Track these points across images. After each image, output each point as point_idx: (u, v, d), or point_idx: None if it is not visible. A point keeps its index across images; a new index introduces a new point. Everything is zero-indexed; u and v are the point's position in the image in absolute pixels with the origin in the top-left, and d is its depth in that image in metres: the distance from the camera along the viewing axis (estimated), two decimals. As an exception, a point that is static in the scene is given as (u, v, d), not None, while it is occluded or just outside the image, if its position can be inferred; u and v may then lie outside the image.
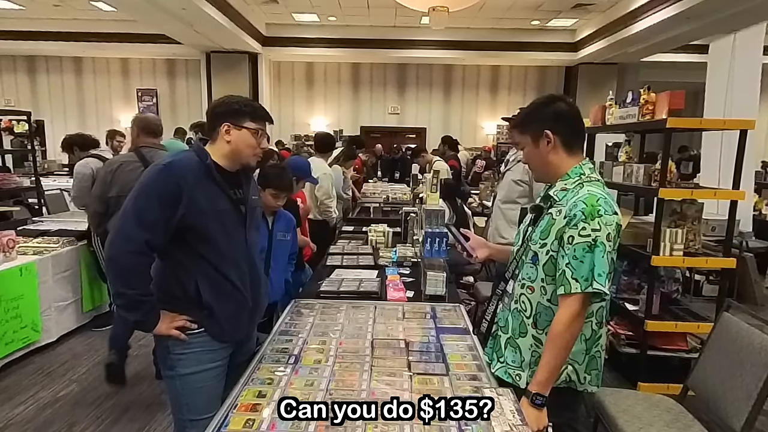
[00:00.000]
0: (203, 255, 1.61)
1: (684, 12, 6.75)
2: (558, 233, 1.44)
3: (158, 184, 1.55)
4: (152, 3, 7.05)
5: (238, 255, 1.69)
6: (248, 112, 1.66)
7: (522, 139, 1.60)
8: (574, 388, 1.52)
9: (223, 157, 1.65)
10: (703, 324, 2.89)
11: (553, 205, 1.49)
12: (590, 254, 1.37)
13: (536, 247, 1.50)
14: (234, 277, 1.66)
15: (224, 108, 1.66)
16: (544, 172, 1.58)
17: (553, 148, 1.52)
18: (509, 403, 1.37)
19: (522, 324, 1.54)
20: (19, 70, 11.98)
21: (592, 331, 1.50)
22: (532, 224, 1.59)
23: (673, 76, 10.50)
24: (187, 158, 1.63)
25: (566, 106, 1.55)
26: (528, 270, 1.53)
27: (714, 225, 4.27)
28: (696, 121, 3.09)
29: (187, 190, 1.55)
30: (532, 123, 1.55)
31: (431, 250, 2.29)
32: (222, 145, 1.65)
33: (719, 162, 4.89)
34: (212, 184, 1.62)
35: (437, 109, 12.21)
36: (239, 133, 1.64)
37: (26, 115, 5.29)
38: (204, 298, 1.62)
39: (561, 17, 9.64)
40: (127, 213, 1.55)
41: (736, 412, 1.81)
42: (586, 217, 1.38)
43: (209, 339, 1.66)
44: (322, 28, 10.56)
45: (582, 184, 1.48)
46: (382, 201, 5.82)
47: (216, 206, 1.62)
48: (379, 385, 1.49)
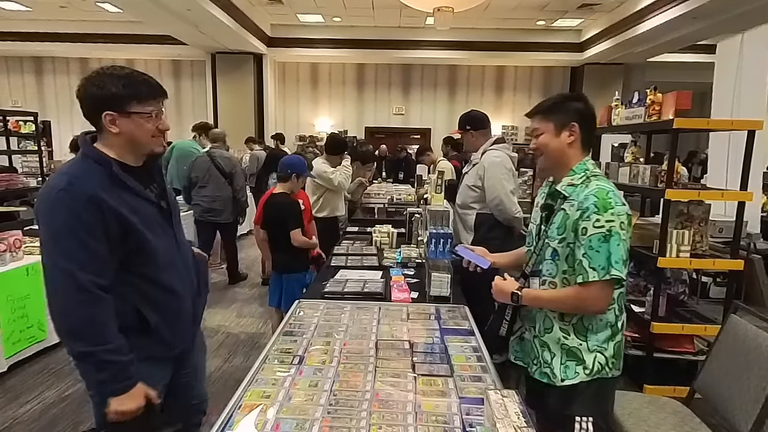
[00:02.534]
0: (136, 271, 1.40)
1: (691, 12, 6.71)
2: (573, 226, 1.50)
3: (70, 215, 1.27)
4: (158, 4, 7.08)
5: (173, 258, 1.50)
6: (130, 93, 1.34)
7: (543, 126, 1.61)
8: (605, 376, 1.56)
9: (119, 154, 1.38)
10: (710, 326, 2.87)
11: (565, 200, 1.55)
12: (606, 244, 1.44)
13: (554, 243, 1.55)
14: (174, 285, 1.48)
15: (99, 91, 1.32)
16: (555, 163, 1.62)
17: (572, 142, 1.57)
18: (514, 404, 1.36)
19: (547, 319, 1.60)
20: (26, 71, 12.07)
21: (615, 317, 1.56)
22: (545, 222, 1.63)
23: (679, 76, 10.45)
24: (83, 171, 1.33)
25: (589, 106, 1.61)
26: (548, 266, 1.59)
27: (721, 226, 4.23)
28: (703, 122, 3.07)
29: (105, 207, 1.29)
30: (559, 112, 1.58)
31: (436, 251, 2.28)
32: (112, 138, 1.36)
33: (727, 163, 4.85)
34: (124, 191, 1.36)
35: (442, 109, 12.19)
36: (129, 121, 1.35)
37: (33, 116, 5.32)
38: (150, 321, 1.42)
39: (566, 17, 9.61)
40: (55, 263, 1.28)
41: (743, 415, 1.79)
42: (598, 210, 1.45)
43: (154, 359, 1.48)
44: (327, 29, 10.57)
45: (588, 178, 1.54)
46: (387, 202, 5.81)
47: (137, 213, 1.37)
48: (384, 386, 1.49)
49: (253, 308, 4.63)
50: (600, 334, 1.55)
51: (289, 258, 3.12)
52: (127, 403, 1.34)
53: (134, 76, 1.37)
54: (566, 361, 1.56)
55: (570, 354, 1.57)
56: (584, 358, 1.55)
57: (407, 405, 1.39)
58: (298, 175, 3.16)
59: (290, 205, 3.09)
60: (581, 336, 1.56)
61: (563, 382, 1.56)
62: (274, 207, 3.14)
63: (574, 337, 1.56)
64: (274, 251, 3.17)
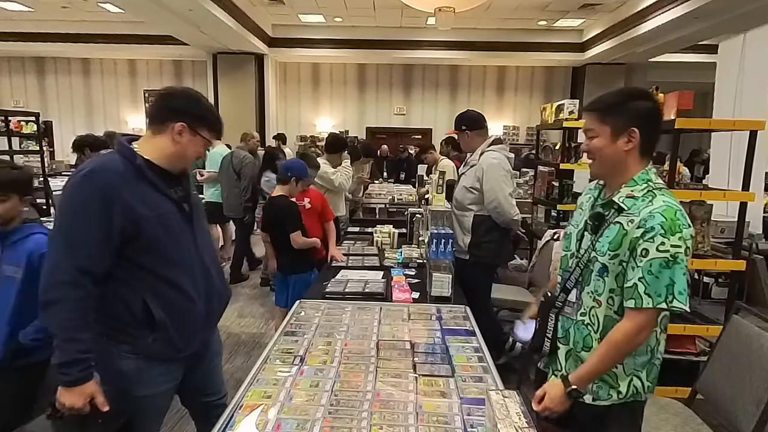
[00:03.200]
0: (149, 267, 1.42)
1: (693, 12, 6.70)
2: (631, 244, 1.35)
3: (80, 199, 1.34)
4: (159, 4, 7.09)
5: (189, 259, 1.52)
6: (211, 121, 1.51)
7: (598, 128, 1.43)
8: (639, 399, 1.48)
9: (161, 156, 1.46)
10: (712, 327, 2.86)
11: (621, 213, 1.40)
12: (668, 270, 1.31)
13: (605, 259, 1.41)
14: (186, 285, 1.50)
15: (187, 105, 1.47)
16: (609, 170, 1.46)
17: (631, 149, 1.40)
18: (515, 405, 1.36)
19: (588, 337, 1.47)
20: (28, 71, 12.09)
21: (656, 341, 1.46)
22: (593, 232, 1.47)
23: (681, 76, 10.43)
24: (110, 162, 1.41)
25: (656, 106, 1.44)
26: (595, 283, 1.45)
27: (723, 227, 4.22)
28: (705, 122, 3.06)
29: (117, 197, 1.34)
30: (618, 114, 1.40)
31: (437, 251, 2.28)
32: (165, 143, 1.45)
33: (729, 163, 4.84)
34: (147, 186, 1.42)
35: (443, 109, 12.18)
36: (192, 139, 1.47)
37: (35, 116, 5.33)
38: (156, 317, 1.43)
39: (568, 17, 9.60)
40: (54, 240, 1.37)
41: (745, 416, 1.78)
42: (665, 232, 1.31)
43: (163, 359, 1.52)
44: (328, 29, 10.57)
45: (653, 192, 1.39)
46: (388, 202, 5.81)
47: (157, 209, 1.42)
48: (385, 386, 1.48)
49: (254, 308, 4.64)
50: (638, 357, 1.43)
51: (293, 259, 3.12)
52: (66, 396, 1.35)
53: (214, 110, 1.58)
54: (599, 383, 1.45)
55: (603, 377, 1.45)
56: (619, 382, 1.45)
57: (408, 405, 1.38)
58: (298, 179, 3.15)
59: (288, 207, 3.09)
60: None
61: (594, 401, 1.46)
62: (273, 210, 3.14)
63: None
64: (278, 253, 3.18)
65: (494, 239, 2.95)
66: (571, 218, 1.74)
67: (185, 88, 1.54)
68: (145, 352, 1.46)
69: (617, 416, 1.47)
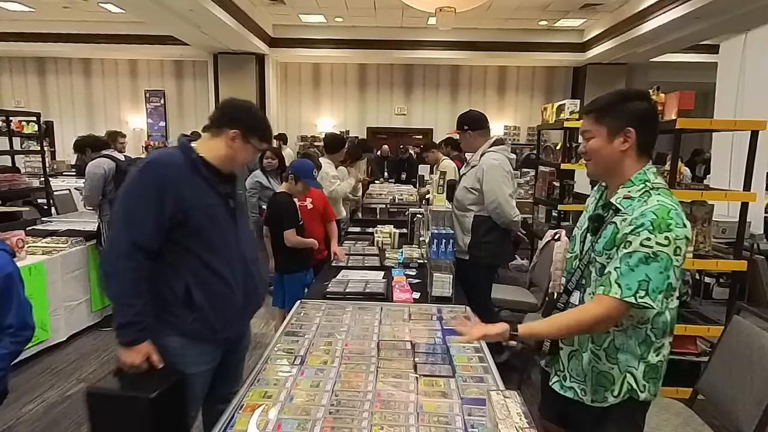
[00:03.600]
0: (194, 251, 1.58)
1: (694, 12, 6.69)
2: (620, 240, 1.36)
3: (140, 184, 1.54)
4: (160, 5, 7.09)
5: (230, 250, 1.66)
6: (261, 131, 1.68)
7: (595, 129, 1.44)
8: (636, 398, 1.44)
9: (215, 157, 1.64)
10: (713, 327, 2.86)
11: (617, 214, 1.40)
12: (645, 266, 1.29)
13: (602, 259, 1.41)
14: (226, 273, 1.63)
15: (243, 115, 1.66)
16: (606, 171, 1.46)
17: (627, 149, 1.40)
18: (516, 405, 1.36)
19: (583, 337, 1.48)
20: (29, 71, 12.09)
21: (645, 336, 1.42)
22: (593, 233, 1.48)
23: (682, 76, 10.42)
24: (168, 154, 1.62)
25: (652, 106, 1.44)
26: (595, 283, 1.44)
27: (724, 227, 4.21)
28: (706, 122, 3.06)
29: (170, 186, 1.52)
30: (614, 115, 1.41)
31: (438, 251, 2.28)
32: (220, 146, 1.63)
33: (730, 163, 4.84)
34: (199, 179, 1.59)
35: (444, 109, 12.17)
36: (244, 145, 1.64)
37: (36, 116, 5.34)
38: (195, 299, 1.58)
39: (569, 17, 9.59)
40: (115, 218, 1.56)
41: (746, 417, 1.78)
42: (653, 229, 1.29)
43: (202, 340, 1.65)
44: (329, 29, 10.57)
45: (648, 192, 1.38)
46: (389, 202, 5.81)
47: (204, 201, 1.59)
48: (385, 386, 1.48)
49: (255, 308, 4.64)
50: (629, 353, 1.42)
51: (287, 258, 3.11)
52: (126, 355, 1.54)
53: (267, 123, 1.74)
54: (596, 386, 1.46)
55: (599, 378, 1.46)
56: (614, 382, 1.44)
57: (409, 405, 1.38)
58: (297, 179, 3.14)
59: (285, 204, 3.08)
60: (612, 359, 1.43)
61: (593, 403, 1.47)
62: (274, 206, 3.15)
63: (606, 361, 1.44)
64: (275, 251, 3.17)
65: (494, 240, 2.94)
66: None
67: (245, 101, 1.73)
68: (185, 332, 1.61)
69: (615, 418, 1.45)
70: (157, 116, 12.10)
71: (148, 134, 12.01)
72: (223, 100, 1.75)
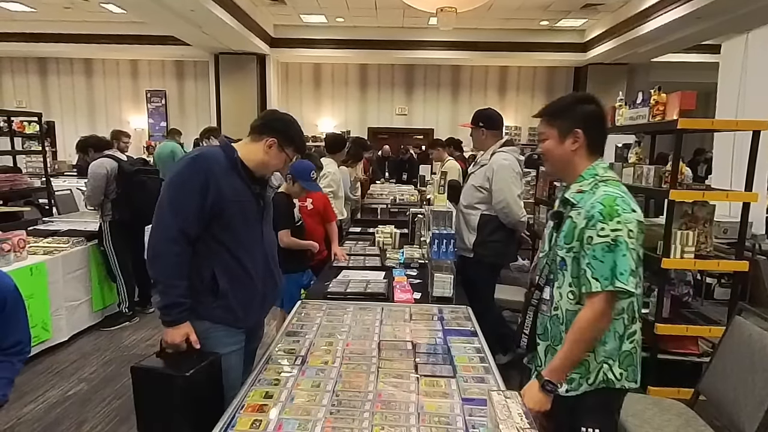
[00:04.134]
0: (223, 242, 1.69)
1: (695, 11, 6.68)
2: (579, 234, 1.45)
3: (187, 175, 1.65)
4: (161, 5, 7.10)
5: (254, 244, 1.78)
6: (296, 142, 1.81)
7: (548, 131, 1.56)
8: (612, 387, 1.49)
9: (251, 159, 1.75)
10: (714, 327, 2.85)
11: (573, 208, 1.49)
12: (610, 253, 1.38)
13: (563, 253, 1.50)
14: (248, 264, 1.74)
15: (282, 126, 1.79)
16: (560, 169, 1.59)
17: (577, 148, 1.51)
18: (517, 406, 1.35)
19: (558, 331, 1.53)
20: (31, 71, 12.11)
21: (624, 327, 1.48)
22: (555, 230, 1.57)
23: (684, 76, 10.40)
24: (213, 152, 1.74)
25: (598, 108, 1.55)
26: (559, 276, 1.53)
27: (726, 227, 4.21)
28: (708, 122, 3.05)
29: (213, 180, 1.64)
30: (564, 118, 1.53)
31: (438, 251, 2.28)
32: (257, 150, 1.76)
33: (731, 163, 4.83)
34: (236, 176, 1.71)
35: (445, 110, 12.17)
36: (278, 153, 1.76)
37: (37, 117, 5.34)
38: (220, 286, 1.69)
39: (570, 17, 9.59)
40: (162, 204, 1.65)
41: (748, 418, 1.78)
42: (604, 218, 1.39)
43: (227, 325, 1.74)
44: (330, 29, 10.58)
45: (597, 184, 1.48)
46: (390, 202, 5.81)
47: (239, 196, 1.71)
48: (386, 387, 1.48)
49: (256, 308, 4.64)
50: (608, 345, 1.47)
51: (285, 259, 3.08)
52: (171, 334, 1.64)
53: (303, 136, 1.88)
54: (572, 373, 1.49)
55: (578, 367, 1.49)
56: (590, 369, 1.48)
57: (410, 406, 1.38)
58: (294, 179, 3.11)
59: (280, 205, 3.04)
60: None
61: (567, 393, 1.49)
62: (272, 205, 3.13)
63: None
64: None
65: (500, 239, 2.96)
66: None
67: (285, 114, 1.87)
68: (209, 317, 1.71)
69: (588, 405, 1.49)
70: (159, 116, 12.12)
71: (149, 134, 12.02)
72: (266, 111, 1.93)
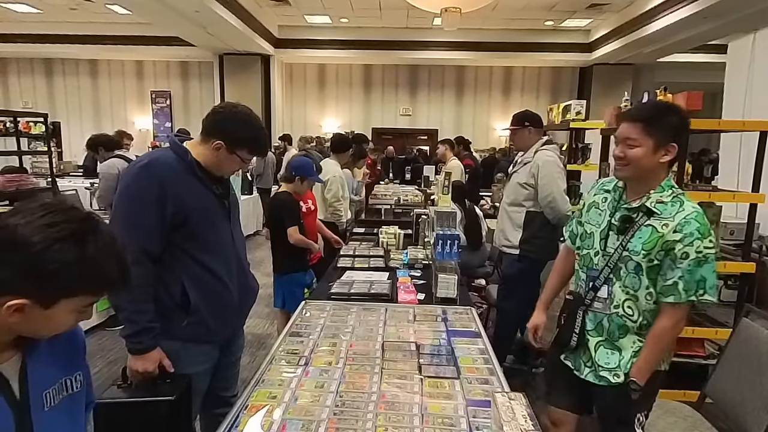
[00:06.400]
0: (190, 253, 1.56)
1: (702, 11, 6.65)
2: (666, 245, 1.49)
3: (140, 187, 1.50)
4: (166, 6, 7.13)
5: (225, 249, 1.67)
6: (248, 144, 1.62)
7: (641, 139, 1.50)
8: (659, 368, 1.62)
9: (203, 161, 1.61)
10: (721, 330, 2.83)
11: (652, 217, 1.53)
12: (699, 268, 1.47)
13: (639, 258, 1.54)
14: (222, 273, 1.63)
15: (231, 126, 1.59)
16: (641, 177, 1.56)
17: (666, 162, 1.53)
18: (521, 408, 1.35)
19: (624, 327, 1.61)
20: (37, 72, 12.20)
21: None
22: (619, 232, 1.59)
23: (690, 76, 10.35)
24: (164, 156, 1.58)
25: (687, 121, 1.58)
26: (631, 280, 1.58)
27: (732, 228, 4.17)
28: (714, 123, 3.03)
29: (170, 187, 1.50)
30: (662, 128, 1.50)
31: (443, 252, 2.27)
32: (207, 153, 1.60)
33: (738, 164, 4.79)
34: (194, 180, 1.58)
35: (449, 110, 12.17)
36: (229, 156, 1.59)
37: (43, 117, 5.37)
38: (192, 301, 1.57)
39: (575, 17, 9.56)
40: (115, 222, 1.50)
41: (755, 421, 1.76)
42: (702, 236, 1.46)
43: (198, 341, 1.64)
44: (334, 30, 10.59)
45: (679, 198, 1.53)
46: (393, 203, 5.80)
47: (201, 201, 1.58)
48: (390, 387, 1.48)
49: (260, 308, 4.64)
50: None
51: (286, 258, 3.10)
52: (140, 363, 1.51)
53: (257, 135, 1.65)
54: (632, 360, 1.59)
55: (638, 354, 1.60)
56: None
57: (413, 407, 1.38)
58: (303, 178, 3.14)
59: (288, 203, 3.07)
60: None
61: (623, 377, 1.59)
62: (274, 205, 3.15)
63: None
64: (273, 251, 3.16)
65: (546, 235, 3.00)
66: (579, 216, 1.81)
67: (236, 110, 1.63)
68: (180, 336, 1.59)
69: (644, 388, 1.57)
70: (163, 117, 12.18)
71: (154, 135, 12.08)
72: (216, 105, 1.70)
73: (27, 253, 0.79)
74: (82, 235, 0.83)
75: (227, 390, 1.88)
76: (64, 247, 0.80)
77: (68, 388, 0.99)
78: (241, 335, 1.95)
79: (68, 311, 0.87)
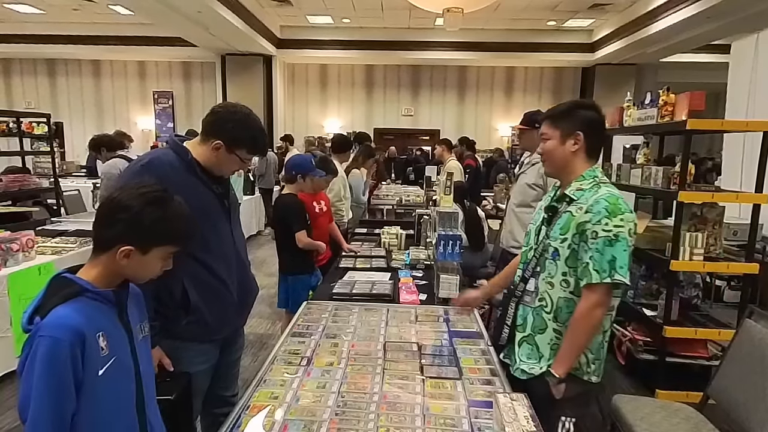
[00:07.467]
0: (190, 252, 1.55)
1: (704, 11, 6.63)
2: (579, 227, 1.51)
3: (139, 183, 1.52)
4: (169, 6, 7.14)
5: (226, 249, 1.68)
6: (248, 144, 1.62)
7: (550, 132, 1.64)
8: (579, 376, 1.56)
9: (203, 161, 1.62)
10: (724, 330, 2.82)
11: (571, 203, 1.57)
12: (610, 248, 1.46)
13: (556, 243, 1.57)
14: (222, 272, 1.64)
15: (230, 126, 1.59)
16: (559, 169, 1.65)
17: (577, 150, 1.60)
18: (523, 408, 1.34)
19: (542, 320, 1.60)
20: (39, 73, 12.23)
21: (611, 324, 1.60)
22: (546, 224, 1.64)
23: (693, 76, 10.33)
24: (165, 155, 1.60)
25: (599, 115, 1.64)
26: (548, 266, 1.59)
27: (736, 229, 4.16)
28: (717, 123, 3.02)
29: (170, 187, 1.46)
30: (568, 121, 1.61)
31: (444, 252, 2.27)
32: (207, 152, 1.60)
33: (741, 165, 4.77)
34: (195, 179, 1.59)
35: (451, 110, 12.16)
36: (229, 156, 1.60)
37: (46, 117, 5.39)
38: (192, 301, 1.58)
39: (578, 17, 9.54)
40: None
41: (758, 422, 1.76)
42: (609, 214, 1.47)
43: (198, 340, 1.65)
44: (336, 30, 10.60)
45: (598, 184, 1.57)
46: (395, 203, 5.80)
47: (201, 201, 1.58)
48: (391, 388, 1.48)
49: (262, 309, 4.65)
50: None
51: (293, 259, 3.09)
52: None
53: (256, 135, 1.64)
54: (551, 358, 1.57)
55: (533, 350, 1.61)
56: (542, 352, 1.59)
57: (415, 407, 1.38)
58: (304, 175, 3.12)
59: (292, 206, 3.04)
60: None
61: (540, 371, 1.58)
62: (279, 208, 3.13)
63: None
64: (279, 252, 3.15)
65: None
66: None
67: (234, 110, 1.63)
68: (179, 335, 1.60)
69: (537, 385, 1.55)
70: (166, 117, 12.20)
71: (156, 135, 12.09)
72: (215, 105, 1.69)
73: (129, 214, 1.13)
74: (163, 200, 1.18)
75: (227, 389, 1.89)
76: (152, 209, 1.14)
77: (143, 330, 1.27)
78: (242, 335, 1.95)
79: (158, 258, 1.18)
